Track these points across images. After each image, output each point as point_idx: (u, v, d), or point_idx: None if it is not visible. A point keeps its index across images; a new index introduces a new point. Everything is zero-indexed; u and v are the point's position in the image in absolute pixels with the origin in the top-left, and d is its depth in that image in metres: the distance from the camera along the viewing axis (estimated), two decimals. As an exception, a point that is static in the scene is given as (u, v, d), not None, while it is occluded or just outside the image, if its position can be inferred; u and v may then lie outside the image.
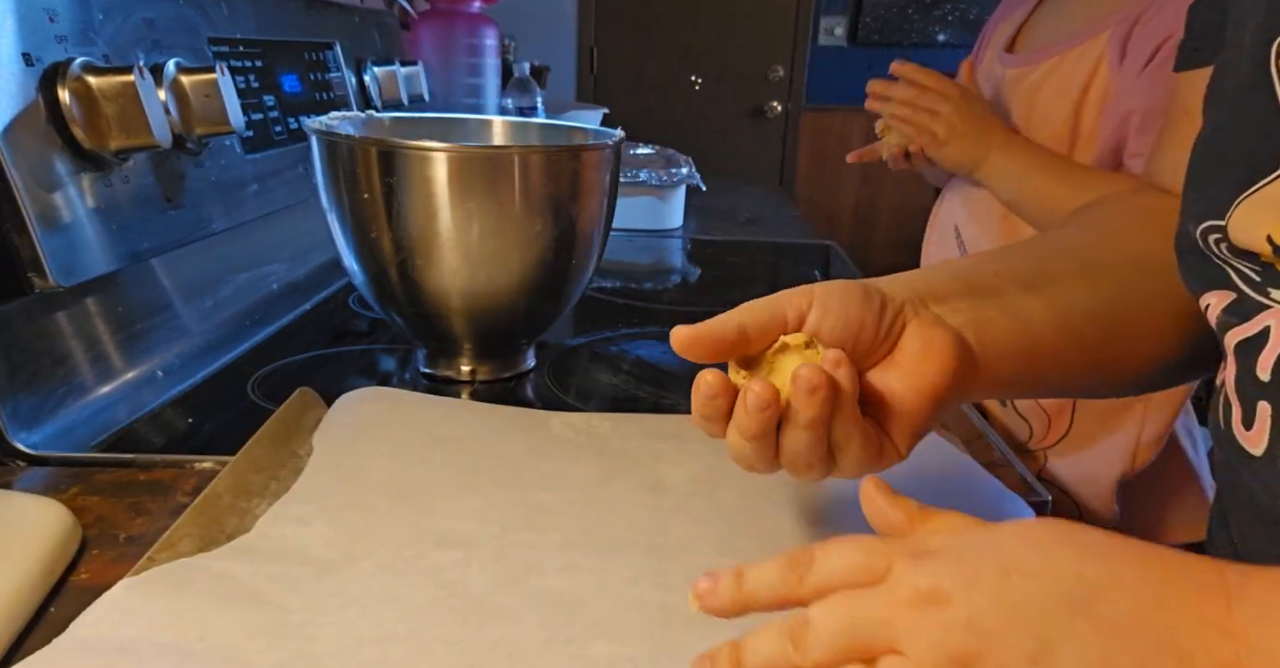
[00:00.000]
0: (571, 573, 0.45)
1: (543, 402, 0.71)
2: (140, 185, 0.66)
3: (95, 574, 0.45)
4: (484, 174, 0.63)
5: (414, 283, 0.66)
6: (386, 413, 0.61)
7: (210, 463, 0.57)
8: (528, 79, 1.73)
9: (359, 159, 0.63)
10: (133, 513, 0.51)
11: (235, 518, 0.48)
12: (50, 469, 0.57)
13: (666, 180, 1.34)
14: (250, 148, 0.85)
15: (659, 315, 0.95)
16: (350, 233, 0.67)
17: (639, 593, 0.43)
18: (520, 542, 0.47)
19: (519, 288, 0.68)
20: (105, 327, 0.67)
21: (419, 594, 0.42)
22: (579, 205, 0.68)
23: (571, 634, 0.40)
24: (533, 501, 0.51)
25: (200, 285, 0.80)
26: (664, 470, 0.56)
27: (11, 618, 0.40)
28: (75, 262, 0.59)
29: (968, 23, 3.29)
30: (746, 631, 0.31)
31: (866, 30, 3.32)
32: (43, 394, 0.60)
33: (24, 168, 0.55)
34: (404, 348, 0.81)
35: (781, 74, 3.33)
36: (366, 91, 1.18)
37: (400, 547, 0.46)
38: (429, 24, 1.55)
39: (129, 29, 0.68)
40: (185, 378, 0.72)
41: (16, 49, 0.56)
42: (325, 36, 1.08)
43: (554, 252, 0.68)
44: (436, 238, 0.64)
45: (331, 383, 0.73)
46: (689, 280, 1.19)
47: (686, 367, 0.39)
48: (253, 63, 0.88)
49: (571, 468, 0.56)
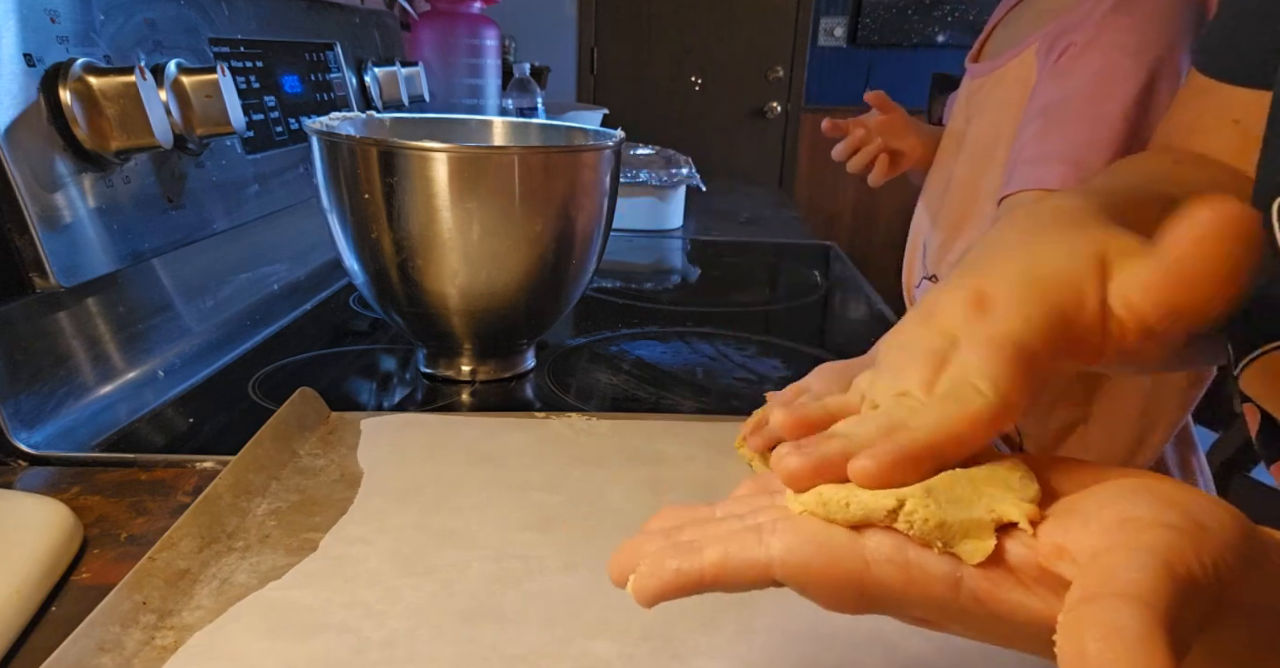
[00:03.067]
0: (571, 573, 0.45)
1: (543, 402, 0.71)
2: (141, 186, 0.66)
3: (96, 574, 0.45)
4: (484, 174, 0.63)
5: (414, 283, 0.66)
6: (432, 436, 0.61)
7: (211, 463, 0.57)
8: (528, 79, 1.73)
9: (359, 159, 0.63)
10: (134, 513, 0.51)
11: (236, 518, 0.48)
12: (51, 469, 0.57)
13: (666, 181, 1.34)
14: (251, 148, 0.85)
15: (659, 315, 0.96)
16: (351, 233, 0.67)
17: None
18: (521, 542, 0.47)
19: (519, 288, 0.68)
20: (106, 327, 0.67)
21: (421, 592, 0.43)
22: (579, 205, 0.68)
23: (571, 634, 0.40)
24: (534, 501, 0.52)
25: (201, 286, 0.80)
26: (664, 471, 0.56)
27: (13, 617, 0.40)
28: (76, 262, 0.59)
29: (967, 23, 3.30)
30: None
31: (866, 31, 3.32)
32: (44, 394, 0.60)
33: (25, 168, 0.55)
34: (404, 348, 0.81)
35: (781, 74, 3.33)
36: (367, 92, 1.18)
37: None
38: (429, 25, 1.55)
39: (130, 30, 0.68)
40: (186, 378, 0.72)
41: (18, 50, 0.56)
42: (326, 37, 1.08)
43: (554, 252, 0.68)
44: (437, 238, 0.64)
45: (332, 383, 0.73)
46: (689, 281, 1.19)
47: (686, 367, 0.39)
48: (253, 63, 0.88)
49: (571, 469, 0.56)
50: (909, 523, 0.23)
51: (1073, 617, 0.19)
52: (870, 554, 0.23)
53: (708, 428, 0.62)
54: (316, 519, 0.49)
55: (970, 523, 0.23)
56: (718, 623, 0.41)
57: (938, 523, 0.23)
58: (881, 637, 0.40)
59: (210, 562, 0.44)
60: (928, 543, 0.23)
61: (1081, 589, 0.20)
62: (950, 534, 0.23)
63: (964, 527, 0.23)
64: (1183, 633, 0.19)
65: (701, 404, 0.71)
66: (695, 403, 0.71)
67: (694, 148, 1.85)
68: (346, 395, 0.71)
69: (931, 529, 0.23)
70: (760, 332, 0.92)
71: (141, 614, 0.40)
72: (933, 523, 0.23)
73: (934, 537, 0.23)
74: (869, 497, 0.24)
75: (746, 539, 0.24)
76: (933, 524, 0.23)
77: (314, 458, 0.56)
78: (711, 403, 0.71)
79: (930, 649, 0.39)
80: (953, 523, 0.23)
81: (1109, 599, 0.19)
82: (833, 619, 0.41)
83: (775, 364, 0.81)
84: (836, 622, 0.41)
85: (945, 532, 0.23)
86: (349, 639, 0.39)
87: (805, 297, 1.08)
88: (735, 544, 0.24)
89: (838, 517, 0.24)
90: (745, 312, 1.02)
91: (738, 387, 0.75)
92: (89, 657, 0.36)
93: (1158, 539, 0.21)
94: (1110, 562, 0.20)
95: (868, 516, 0.24)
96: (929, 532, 0.23)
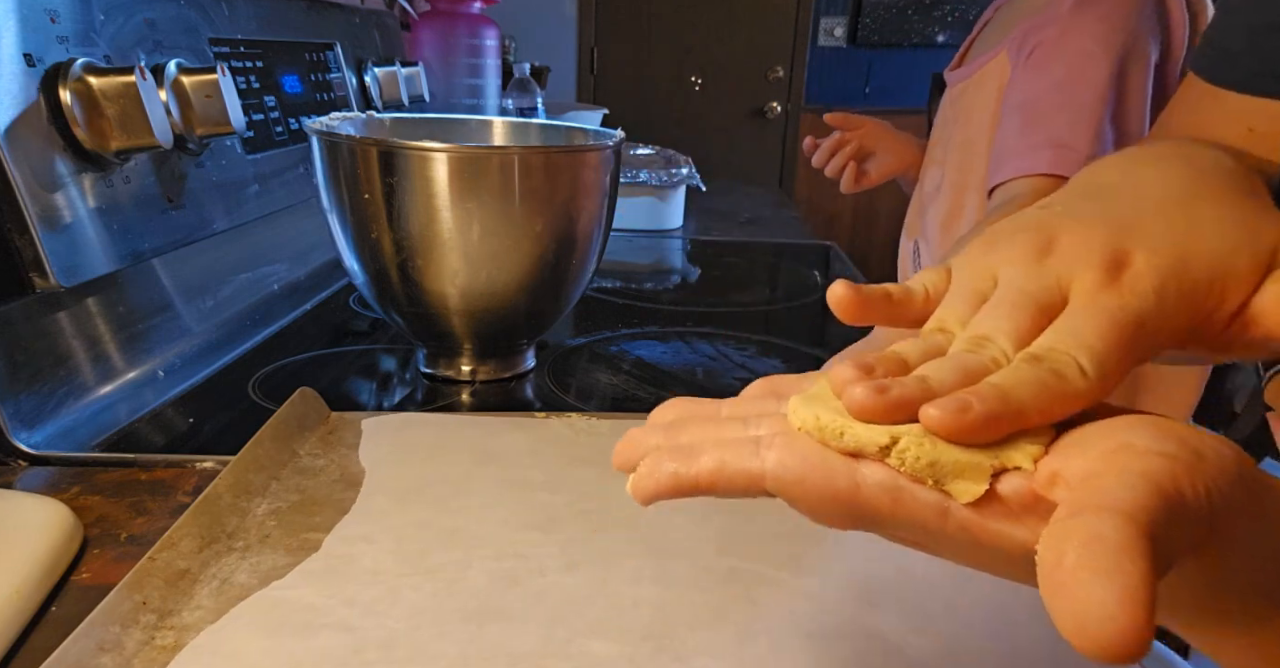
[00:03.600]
0: (572, 573, 0.45)
1: (543, 402, 0.71)
2: (141, 186, 0.66)
3: (96, 574, 0.45)
4: (484, 174, 0.63)
5: (414, 283, 0.66)
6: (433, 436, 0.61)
7: (211, 463, 0.57)
8: (528, 79, 1.73)
9: (359, 159, 0.63)
10: (134, 513, 0.51)
11: (236, 518, 0.48)
12: (51, 469, 0.57)
13: (666, 181, 1.34)
14: (251, 148, 0.85)
15: (659, 315, 0.96)
16: (351, 233, 0.67)
17: (639, 593, 0.43)
18: (522, 541, 0.47)
19: (519, 288, 0.68)
20: (106, 327, 0.67)
21: (422, 592, 0.43)
22: (579, 205, 0.68)
23: (571, 634, 0.40)
24: (535, 501, 0.52)
25: (201, 286, 0.80)
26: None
27: (13, 617, 0.40)
28: (76, 262, 0.59)
29: (967, 24, 3.29)
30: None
31: (866, 31, 3.32)
32: (44, 394, 0.60)
33: (25, 168, 0.55)
34: (404, 348, 0.81)
35: (781, 75, 3.33)
36: (367, 92, 1.18)
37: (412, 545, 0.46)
38: (429, 24, 1.55)
39: (130, 30, 0.68)
40: (186, 378, 0.72)
41: (18, 50, 0.56)
42: (326, 37, 1.08)
43: (554, 252, 0.68)
44: (437, 238, 0.64)
45: (332, 383, 0.73)
46: (689, 281, 1.19)
47: (686, 367, 0.39)
48: (253, 63, 0.88)
49: (572, 468, 0.56)
50: (900, 460, 0.23)
51: (1056, 528, 0.19)
52: (862, 478, 0.23)
53: (708, 428, 0.62)
54: (317, 519, 0.49)
55: (966, 464, 0.23)
56: (718, 623, 0.41)
57: (929, 462, 0.23)
58: (882, 637, 0.40)
59: (210, 562, 0.44)
60: (919, 479, 0.23)
61: (1068, 506, 0.20)
62: (942, 473, 0.23)
63: (958, 467, 0.23)
64: (1167, 550, 0.19)
65: (701, 404, 0.71)
66: (695, 403, 0.71)
67: (694, 148, 1.86)
68: (346, 395, 0.71)
69: (923, 468, 0.23)
70: (760, 332, 0.92)
71: (142, 614, 0.40)
72: (924, 462, 0.23)
73: (925, 474, 0.23)
74: (863, 431, 0.24)
75: (743, 450, 0.24)
76: (924, 463, 0.23)
77: (314, 458, 0.56)
78: (711, 403, 0.71)
79: (930, 649, 0.40)
80: (946, 463, 0.23)
81: (1094, 511, 0.19)
82: (833, 620, 0.41)
83: (775, 364, 0.81)
84: (837, 622, 0.41)
85: (937, 470, 0.23)
86: (349, 639, 0.39)
87: (805, 297, 1.08)
88: (732, 453, 0.24)
89: (831, 444, 0.24)
90: (745, 312, 1.02)
91: (738, 387, 0.74)
92: (89, 657, 0.36)
93: (1150, 464, 0.21)
94: (1100, 483, 0.20)
95: (860, 449, 0.24)
96: (920, 469, 0.23)
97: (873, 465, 0.23)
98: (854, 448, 0.24)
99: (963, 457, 0.23)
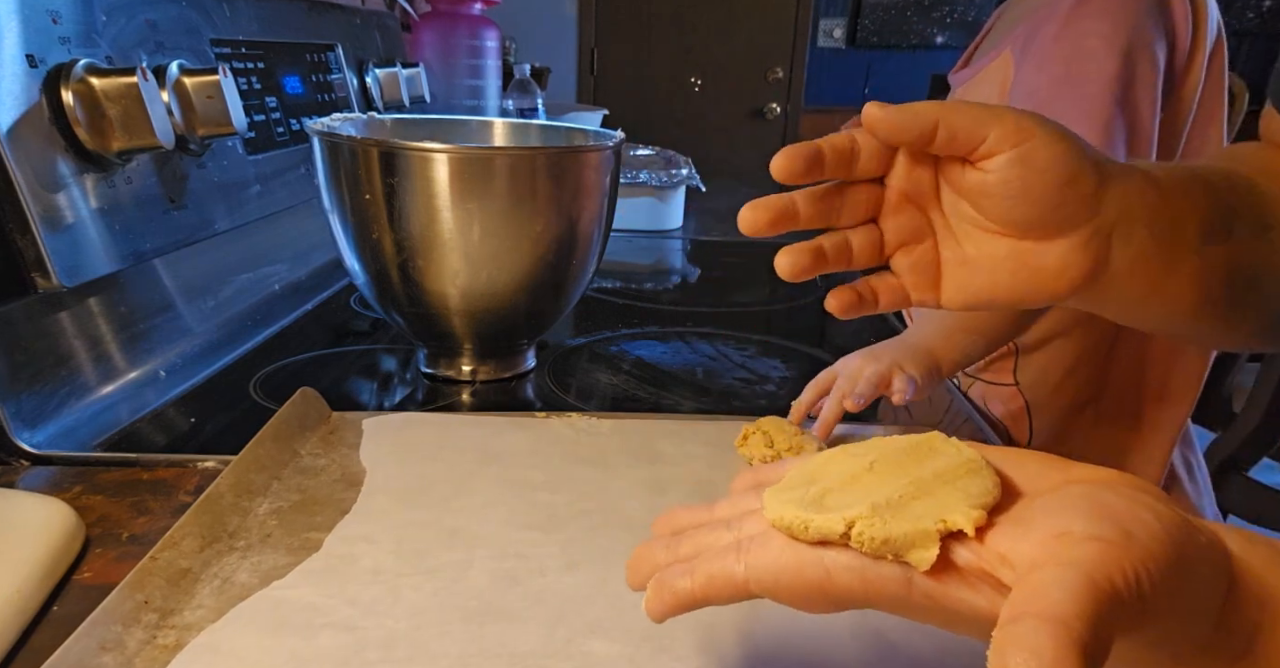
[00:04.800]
0: (572, 573, 0.45)
1: (543, 402, 0.71)
2: (143, 186, 0.67)
3: (98, 573, 0.46)
4: (485, 175, 0.63)
5: (415, 283, 0.67)
6: (433, 435, 0.61)
7: (212, 462, 0.57)
8: (528, 80, 1.73)
9: (360, 160, 0.63)
10: (135, 512, 0.51)
11: (237, 517, 0.48)
12: (53, 468, 0.57)
13: (666, 181, 1.35)
14: (252, 149, 0.85)
15: (659, 315, 0.96)
16: (351, 233, 0.67)
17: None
18: (523, 541, 0.48)
19: (519, 288, 0.69)
20: (108, 327, 0.67)
21: (423, 591, 0.43)
22: (579, 206, 0.68)
23: (572, 634, 0.40)
24: (535, 500, 0.52)
25: (202, 286, 0.80)
26: (664, 470, 0.56)
27: (15, 616, 0.40)
28: (78, 262, 0.59)
29: (966, 25, 3.30)
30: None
31: (865, 32, 3.32)
32: (46, 394, 0.60)
33: (27, 169, 0.56)
34: (405, 348, 0.81)
35: (781, 75, 3.33)
36: (368, 93, 1.18)
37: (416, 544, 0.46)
38: (430, 25, 1.55)
39: (132, 30, 0.68)
40: (187, 378, 0.72)
41: (20, 50, 0.56)
42: (327, 38, 1.09)
43: (554, 252, 0.68)
44: (437, 238, 0.64)
45: (333, 383, 0.73)
46: (689, 281, 1.20)
47: (686, 367, 0.40)
48: (255, 64, 0.88)
49: (572, 468, 0.56)
50: (859, 542, 0.26)
51: (1001, 635, 0.22)
52: (830, 564, 0.26)
53: (708, 428, 0.62)
54: (318, 519, 0.49)
55: (916, 534, 0.25)
56: (718, 624, 0.41)
57: (883, 539, 0.25)
58: (882, 637, 0.40)
59: (212, 561, 0.44)
60: (880, 556, 0.26)
61: (1010, 608, 0.22)
62: (897, 547, 0.25)
63: (909, 538, 0.25)
64: (1104, 641, 0.22)
65: (701, 404, 0.71)
66: (695, 403, 0.71)
67: (694, 148, 1.85)
68: (347, 395, 0.71)
69: (879, 546, 0.25)
70: (760, 332, 0.92)
71: (143, 614, 0.40)
72: (879, 540, 0.25)
73: (883, 551, 0.26)
74: (823, 521, 0.26)
75: (727, 560, 0.28)
76: (879, 541, 0.25)
77: (315, 458, 0.56)
78: (711, 403, 0.71)
79: (931, 650, 0.40)
80: (898, 537, 0.25)
81: (1031, 621, 0.21)
82: (833, 620, 0.41)
83: (775, 364, 0.81)
84: (837, 623, 0.41)
85: (892, 546, 0.25)
86: (350, 638, 0.39)
87: (805, 297, 1.08)
88: (717, 565, 0.28)
89: (800, 537, 0.27)
90: (745, 312, 1.02)
91: (737, 387, 0.75)
92: (91, 656, 0.37)
93: (1085, 554, 0.23)
94: (1039, 579, 0.23)
95: (825, 537, 0.26)
96: (877, 547, 0.26)
97: (837, 550, 0.26)
98: (819, 537, 0.26)
99: (911, 527, 0.25)
